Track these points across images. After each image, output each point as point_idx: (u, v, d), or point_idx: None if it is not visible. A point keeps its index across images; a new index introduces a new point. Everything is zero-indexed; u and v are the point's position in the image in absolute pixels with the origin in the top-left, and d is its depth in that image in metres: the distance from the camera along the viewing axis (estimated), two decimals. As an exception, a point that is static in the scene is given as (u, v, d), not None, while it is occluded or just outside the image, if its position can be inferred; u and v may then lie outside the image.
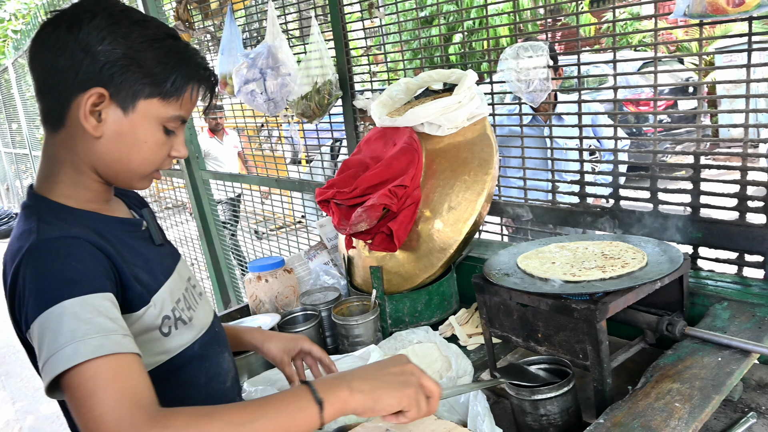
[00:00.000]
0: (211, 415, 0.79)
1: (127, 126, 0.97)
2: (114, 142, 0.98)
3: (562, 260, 1.30)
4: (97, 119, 0.96)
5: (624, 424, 0.92)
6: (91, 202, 1.03)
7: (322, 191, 1.72)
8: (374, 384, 0.87)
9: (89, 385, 0.78)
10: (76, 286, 0.85)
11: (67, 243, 0.90)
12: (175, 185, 4.54)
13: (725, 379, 1.00)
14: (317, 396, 0.82)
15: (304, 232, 3.42)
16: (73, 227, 0.94)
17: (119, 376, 0.80)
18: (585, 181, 1.70)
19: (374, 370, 0.90)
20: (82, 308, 0.83)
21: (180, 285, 1.12)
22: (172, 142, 1.04)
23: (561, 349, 1.17)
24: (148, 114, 0.98)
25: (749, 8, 1.18)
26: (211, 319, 1.18)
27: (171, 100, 0.99)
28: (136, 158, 1.00)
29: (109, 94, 0.95)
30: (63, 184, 1.01)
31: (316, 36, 2.32)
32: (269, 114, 2.55)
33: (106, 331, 0.82)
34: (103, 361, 0.80)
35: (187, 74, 1.00)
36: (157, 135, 1.01)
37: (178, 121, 1.02)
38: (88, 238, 0.92)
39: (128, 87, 0.95)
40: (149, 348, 1.00)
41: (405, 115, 1.71)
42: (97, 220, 1.02)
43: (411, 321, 1.70)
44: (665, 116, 6.02)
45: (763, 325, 1.18)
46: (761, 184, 1.38)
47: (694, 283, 1.40)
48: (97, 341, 0.81)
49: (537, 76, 1.60)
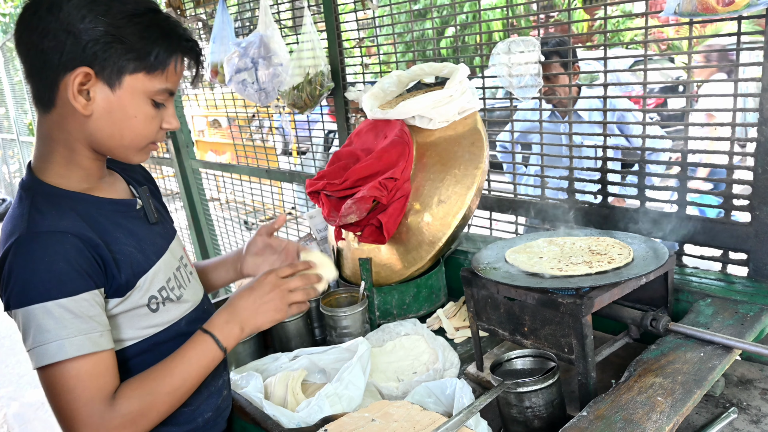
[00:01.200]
0: (153, 392, 0.99)
1: (115, 102, 1.00)
2: (104, 119, 1.01)
3: (550, 255, 1.31)
4: (86, 98, 0.98)
5: (606, 417, 0.93)
6: (83, 182, 1.07)
7: (312, 182, 1.72)
8: (255, 318, 1.12)
9: (70, 383, 0.93)
10: (62, 287, 0.92)
11: (56, 239, 0.95)
12: (165, 174, 4.51)
13: (707, 374, 1.02)
14: (221, 345, 1.08)
15: (294, 223, 3.42)
16: (63, 218, 0.98)
17: (95, 375, 0.94)
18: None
19: (253, 305, 1.12)
20: (66, 308, 0.92)
21: (172, 264, 1.17)
22: (162, 114, 1.07)
23: (547, 343, 1.18)
24: (135, 89, 1.00)
25: (739, 8, 1.19)
26: (201, 297, 1.24)
27: (156, 74, 1.01)
28: (128, 133, 1.03)
29: (94, 72, 0.97)
30: (57, 164, 1.04)
31: (309, 27, 2.31)
32: (260, 104, 2.54)
33: (87, 331, 0.94)
34: (84, 362, 0.93)
35: (170, 47, 1.01)
36: (146, 109, 1.03)
37: (165, 93, 1.05)
38: (76, 232, 0.97)
39: (113, 64, 0.97)
40: (137, 322, 1.07)
41: (396, 107, 1.71)
42: (89, 203, 1.05)
43: (399, 313, 1.71)
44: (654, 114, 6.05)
45: (746, 321, 1.20)
46: (747, 183, 1.39)
47: (679, 280, 1.42)
48: (78, 340, 0.93)
49: (528, 72, 1.60)
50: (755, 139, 1.34)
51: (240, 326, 1.11)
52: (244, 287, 1.17)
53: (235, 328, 1.10)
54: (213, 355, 1.08)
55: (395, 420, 1.00)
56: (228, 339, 1.09)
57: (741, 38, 1.35)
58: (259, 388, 1.29)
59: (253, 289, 1.14)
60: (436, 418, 0.99)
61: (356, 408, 1.19)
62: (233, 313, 1.12)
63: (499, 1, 7.65)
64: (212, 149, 7.40)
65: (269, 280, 1.15)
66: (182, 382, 1.03)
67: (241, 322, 1.11)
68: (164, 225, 1.22)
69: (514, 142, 1.91)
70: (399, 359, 1.50)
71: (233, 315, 1.11)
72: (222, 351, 1.08)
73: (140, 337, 1.08)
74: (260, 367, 1.45)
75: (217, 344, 1.08)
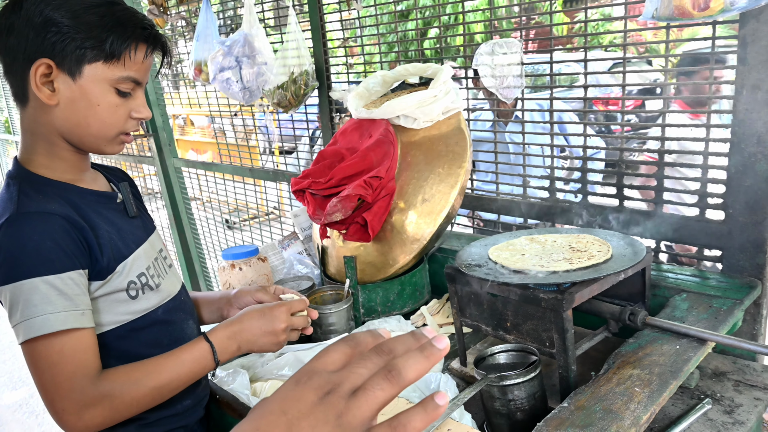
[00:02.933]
0: (138, 383, 1.02)
1: (77, 92, 1.04)
2: (69, 108, 1.05)
3: (532, 252, 1.34)
4: (50, 89, 1.03)
5: (587, 408, 0.96)
6: (67, 173, 1.12)
7: (297, 181, 1.73)
8: (257, 344, 1.17)
9: (54, 357, 0.96)
10: (49, 265, 0.97)
11: (44, 219, 0.99)
12: (146, 173, 4.47)
13: (682, 366, 1.05)
14: (216, 357, 1.11)
15: (278, 222, 3.42)
16: (50, 201, 1.03)
17: (78, 351, 0.98)
18: (554, 177, 1.74)
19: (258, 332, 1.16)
20: (52, 285, 0.96)
21: (150, 254, 1.21)
22: (131, 104, 1.11)
23: (529, 338, 1.21)
24: (95, 77, 1.05)
25: (713, 13, 1.23)
26: (178, 288, 1.28)
27: (114, 62, 1.05)
28: (93, 122, 1.07)
29: (55, 63, 1.02)
30: (40, 155, 1.09)
31: (294, 26, 2.32)
32: (245, 103, 2.54)
33: (71, 308, 0.98)
34: (68, 338, 0.97)
35: (123, 34, 1.05)
36: (110, 97, 1.07)
37: (129, 82, 1.08)
38: (63, 214, 1.02)
39: (71, 54, 1.02)
40: (116, 308, 1.11)
41: (381, 107, 1.73)
42: (73, 192, 1.10)
43: (383, 310, 1.73)
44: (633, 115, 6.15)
45: (719, 315, 1.24)
46: (720, 182, 1.44)
47: (656, 276, 1.46)
48: (63, 316, 0.97)
49: (510, 73, 1.63)
50: (728, 139, 1.39)
51: (238, 345, 1.16)
52: (255, 308, 1.21)
53: (233, 346, 1.15)
54: (206, 363, 1.11)
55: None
56: (224, 354, 1.14)
57: (716, 42, 1.40)
58: (246, 385, 1.30)
59: (264, 316, 1.18)
60: (421, 411, 1.01)
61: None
62: (238, 332, 1.16)
63: (481, 3, 7.73)
64: (193, 148, 7.35)
65: (282, 316, 1.19)
66: (169, 381, 1.06)
67: (241, 342, 1.16)
68: (143, 220, 1.27)
69: None
70: (384, 355, 1.51)
71: (237, 334, 1.16)
72: (215, 363, 1.12)
73: (118, 322, 1.11)
74: (246, 364, 1.46)
75: (213, 355, 1.12)
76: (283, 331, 1.19)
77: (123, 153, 4.22)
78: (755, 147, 1.34)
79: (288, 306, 1.21)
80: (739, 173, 1.39)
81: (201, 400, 1.29)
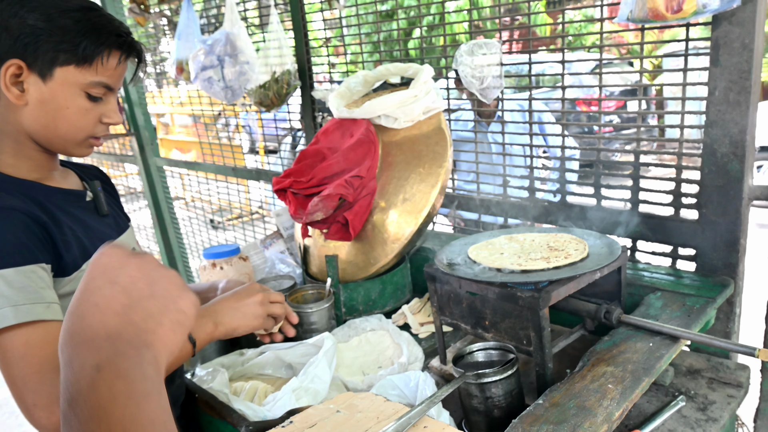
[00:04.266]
0: None
1: (47, 93, 1.05)
2: (38, 109, 1.05)
3: (510, 251, 1.35)
4: (20, 90, 1.03)
5: (561, 404, 0.98)
6: (33, 172, 1.12)
7: (279, 180, 1.73)
8: (232, 317, 1.16)
9: (20, 350, 0.95)
10: (9, 259, 0.96)
11: (3, 215, 0.99)
12: (128, 172, 4.43)
13: (655, 363, 1.07)
14: (191, 338, 1.08)
15: (261, 222, 3.41)
16: (12, 198, 1.02)
17: (45, 343, 0.96)
18: (533, 176, 1.76)
19: (233, 305, 1.16)
20: (14, 278, 0.96)
21: None
22: (101, 108, 1.11)
23: (506, 336, 1.22)
24: (66, 81, 1.05)
25: (686, 15, 1.25)
26: None
27: (85, 66, 1.06)
28: (61, 124, 1.07)
29: (26, 64, 1.02)
30: (6, 154, 1.09)
31: (276, 25, 2.32)
32: (227, 102, 2.54)
33: (35, 300, 0.96)
34: (33, 330, 0.95)
35: (97, 40, 1.05)
36: (79, 101, 1.07)
37: (100, 87, 1.09)
38: (24, 210, 1.01)
39: (43, 56, 1.02)
40: None
41: (362, 107, 1.74)
42: (38, 190, 1.10)
43: (365, 309, 1.73)
44: (615, 116, 6.23)
45: (692, 313, 1.26)
46: (694, 182, 1.47)
47: (632, 275, 1.48)
48: (26, 308, 0.95)
49: (490, 73, 1.64)
50: (701, 140, 1.42)
51: (214, 322, 1.14)
52: (227, 294, 1.22)
53: (208, 324, 1.14)
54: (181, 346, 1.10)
55: (360, 411, 1.02)
56: (199, 333, 1.12)
57: (689, 44, 1.42)
58: (225, 383, 1.30)
59: (237, 293, 1.20)
60: (399, 408, 1.02)
61: (322, 401, 1.21)
62: (211, 311, 1.16)
63: (464, 4, 7.75)
64: (177, 147, 7.30)
65: (255, 287, 1.22)
66: None
67: (216, 318, 1.15)
68: (116, 219, 1.27)
69: None
70: (364, 354, 1.52)
71: (210, 312, 1.16)
72: (192, 343, 1.10)
73: None
74: (226, 363, 1.45)
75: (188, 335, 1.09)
76: (259, 303, 1.19)
77: (105, 152, 4.18)
78: (727, 148, 1.37)
79: (260, 285, 1.23)
80: (712, 173, 1.41)
81: (176, 399, 1.28)
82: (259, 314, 1.19)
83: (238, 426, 1.14)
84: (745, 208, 1.40)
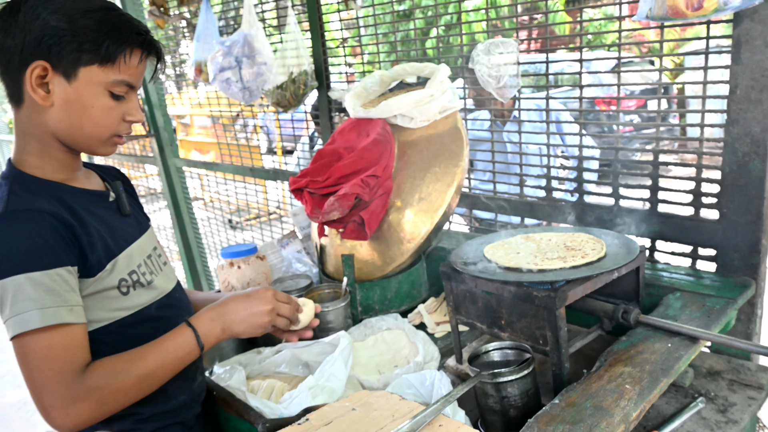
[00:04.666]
0: (123, 372, 1.03)
1: (72, 93, 1.06)
2: (64, 109, 1.07)
3: (527, 251, 1.35)
4: (45, 91, 1.05)
5: (577, 404, 0.97)
6: (58, 173, 1.13)
7: (295, 180, 1.74)
8: (239, 325, 1.18)
9: (42, 352, 0.98)
10: (37, 261, 0.99)
11: (32, 217, 1.01)
12: (148, 173, 4.49)
13: (674, 364, 1.06)
14: (200, 341, 1.12)
15: (279, 222, 3.43)
16: (40, 200, 1.04)
17: (67, 347, 0.99)
18: (550, 176, 1.75)
19: (242, 312, 1.18)
20: (40, 281, 0.98)
21: (143, 251, 1.22)
22: (124, 107, 1.13)
23: (522, 335, 1.22)
24: (90, 80, 1.06)
25: (707, 12, 1.24)
26: (173, 286, 1.29)
27: (108, 65, 1.07)
28: (87, 123, 1.09)
29: (51, 65, 1.04)
30: (32, 155, 1.11)
31: (293, 26, 2.33)
32: (244, 102, 2.56)
33: (60, 303, 0.99)
34: (56, 333, 0.98)
35: (119, 39, 1.07)
36: (103, 100, 1.09)
37: (123, 85, 1.10)
38: (52, 212, 1.03)
39: (66, 56, 1.04)
40: (108, 304, 1.12)
41: (379, 106, 1.74)
42: (64, 191, 1.11)
43: (381, 308, 1.74)
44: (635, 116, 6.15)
45: (712, 314, 1.24)
46: (715, 182, 1.44)
47: (651, 275, 1.46)
48: (51, 311, 0.98)
49: (507, 72, 1.64)
50: (722, 139, 1.39)
51: (222, 327, 1.16)
52: (239, 293, 1.22)
53: (217, 328, 1.16)
54: (190, 348, 1.12)
55: (375, 409, 1.03)
56: (208, 337, 1.15)
57: (710, 42, 1.40)
58: (243, 381, 1.31)
59: (248, 297, 1.21)
60: (414, 407, 1.02)
61: (338, 400, 1.21)
62: (221, 314, 1.17)
63: (482, 3, 7.72)
64: (196, 148, 7.38)
65: (267, 296, 1.22)
66: (155, 369, 1.07)
67: (225, 323, 1.17)
68: (137, 219, 1.29)
69: None
70: (380, 353, 1.53)
71: (220, 315, 1.17)
72: (200, 347, 1.13)
73: (110, 319, 1.12)
74: (243, 361, 1.47)
75: (196, 339, 1.12)
76: (268, 312, 1.20)
77: (126, 153, 4.25)
78: (749, 147, 1.35)
79: (274, 291, 1.23)
80: (733, 173, 1.39)
81: (197, 396, 1.29)
82: (265, 324, 1.21)
83: (255, 423, 1.15)
84: (767, 208, 1.37)
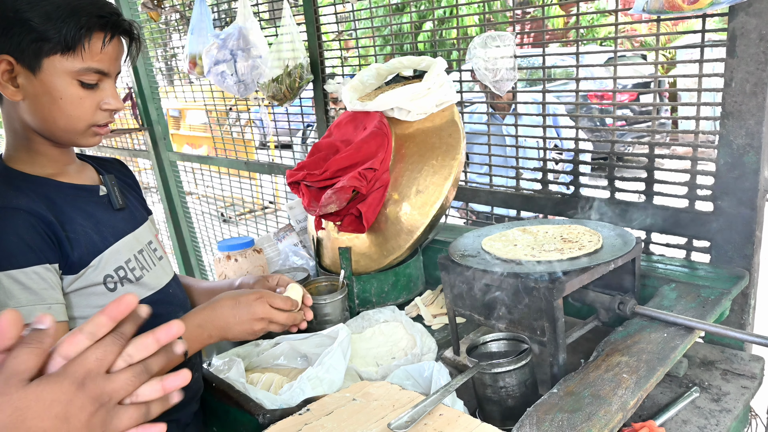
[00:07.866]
0: None
1: (39, 86, 1.03)
2: (34, 103, 1.04)
3: (524, 243, 1.36)
4: (14, 86, 1.02)
5: (576, 393, 0.98)
6: (47, 168, 1.11)
7: (292, 173, 1.74)
8: (230, 331, 1.16)
9: None
10: (12, 259, 0.96)
11: (8, 215, 0.98)
12: (142, 167, 4.47)
13: (670, 353, 1.08)
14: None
15: (274, 216, 3.43)
16: (20, 197, 1.02)
17: None
18: (547, 169, 1.76)
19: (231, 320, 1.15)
20: (16, 280, 0.95)
21: (133, 247, 1.19)
22: (98, 95, 1.08)
23: (520, 326, 1.23)
24: (54, 70, 1.02)
25: (703, 6, 1.25)
26: (167, 281, 1.26)
27: (71, 53, 1.02)
28: (59, 116, 1.05)
29: (15, 59, 1.00)
30: (21, 151, 1.10)
31: (288, 19, 2.33)
32: (240, 96, 2.55)
33: (36, 302, 0.96)
34: None
35: (77, 24, 1.01)
36: (72, 90, 1.04)
37: (91, 73, 1.05)
38: (30, 209, 1.00)
39: (27, 49, 1.00)
40: (94, 301, 1.09)
41: (375, 99, 1.74)
42: (49, 187, 1.09)
43: (378, 301, 1.74)
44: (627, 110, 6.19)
45: (707, 305, 1.26)
46: (710, 174, 1.46)
47: (646, 266, 1.48)
48: (27, 310, 0.94)
49: (503, 66, 1.64)
50: (718, 132, 1.41)
51: (209, 334, 1.15)
52: (231, 294, 1.19)
53: (203, 334, 1.14)
54: None
55: (375, 399, 1.04)
56: (193, 342, 1.13)
57: (706, 35, 1.41)
58: (242, 373, 1.32)
59: (240, 304, 1.17)
60: (414, 397, 1.03)
61: (337, 391, 1.22)
62: (210, 319, 1.15)
63: (476, -3, 7.74)
64: (188, 142, 7.34)
65: (259, 307, 1.18)
66: None
67: (212, 330, 1.15)
68: (132, 212, 1.25)
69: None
70: (378, 345, 1.53)
71: (209, 321, 1.15)
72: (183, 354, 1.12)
73: None
74: (242, 353, 1.47)
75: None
76: (258, 320, 1.18)
77: (118, 147, 4.22)
78: (743, 139, 1.36)
79: (267, 299, 1.19)
80: (728, 165, 1.41)
81: (195, 393, 1.29)
82: (254, 332, 1.19)
83: (256, 414, 1.15)
84: (761, 200, 1.39)
